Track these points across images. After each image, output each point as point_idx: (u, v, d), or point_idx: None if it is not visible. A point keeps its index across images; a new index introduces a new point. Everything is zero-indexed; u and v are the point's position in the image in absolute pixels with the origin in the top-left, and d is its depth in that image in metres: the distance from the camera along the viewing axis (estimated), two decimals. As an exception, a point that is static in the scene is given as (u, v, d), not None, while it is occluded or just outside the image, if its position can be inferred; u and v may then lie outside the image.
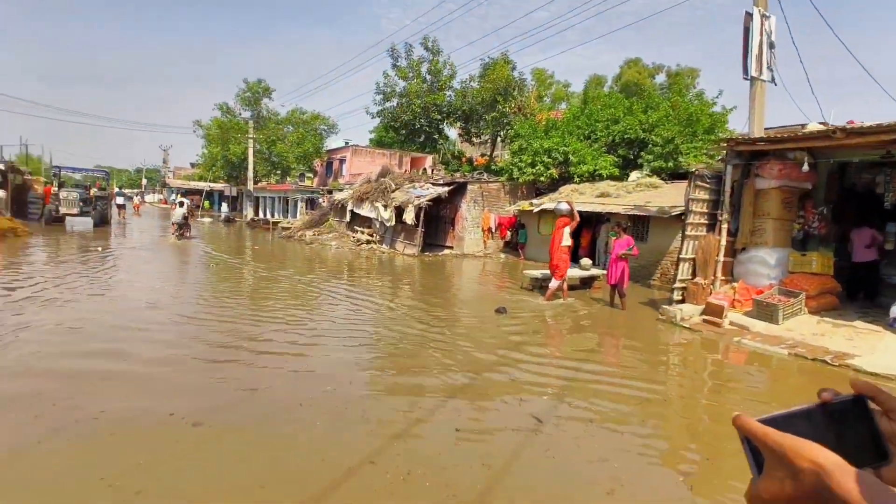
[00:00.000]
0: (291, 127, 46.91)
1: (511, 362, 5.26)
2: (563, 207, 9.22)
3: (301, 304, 8.06)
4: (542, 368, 5.14)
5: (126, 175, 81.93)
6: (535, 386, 4.59)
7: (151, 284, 8.80)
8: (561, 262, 8.85)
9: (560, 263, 8.86)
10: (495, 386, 4.55)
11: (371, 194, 18.44)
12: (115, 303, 7.13)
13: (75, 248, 13.87)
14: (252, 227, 29.92)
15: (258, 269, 11.86)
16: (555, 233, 9.18)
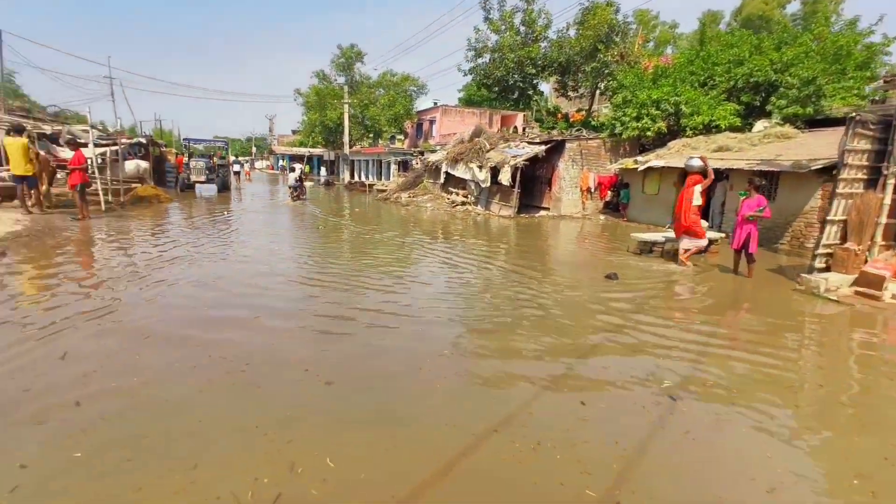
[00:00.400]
0: (383, 90, 47.66)
1: (631, 332, 4.95)
2: (695, 163, 8.39)
3: (403, 266, 8.27)
4: (667, 340, 4.77)
5: (238, 144, 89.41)
6: (662, 359, 4.27)
7: (271, 246, 9.53)
8: (695, 224, 8.25)
9: (694, 225, 8.25)
10: (617, 358, 4.31)
11: (465, 155, 18.26)
12: (242, 263, 7.82)
13: (205, 211, 15.49)
14: (349, 189, 31.39)
15: (361, 232, 12.38)
16: (684, 191, 8.44)
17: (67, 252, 7.95)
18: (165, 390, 3.33)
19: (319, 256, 8.85)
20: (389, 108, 45.14)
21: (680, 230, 8.49)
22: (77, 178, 11.47)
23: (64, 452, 2.60)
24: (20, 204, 11.38)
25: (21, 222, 9.59)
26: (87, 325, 4.57)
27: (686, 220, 8.32)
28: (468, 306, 5.89)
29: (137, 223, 11.71)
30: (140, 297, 5.55)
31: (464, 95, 56.93)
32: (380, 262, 8.40)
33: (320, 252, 9.43)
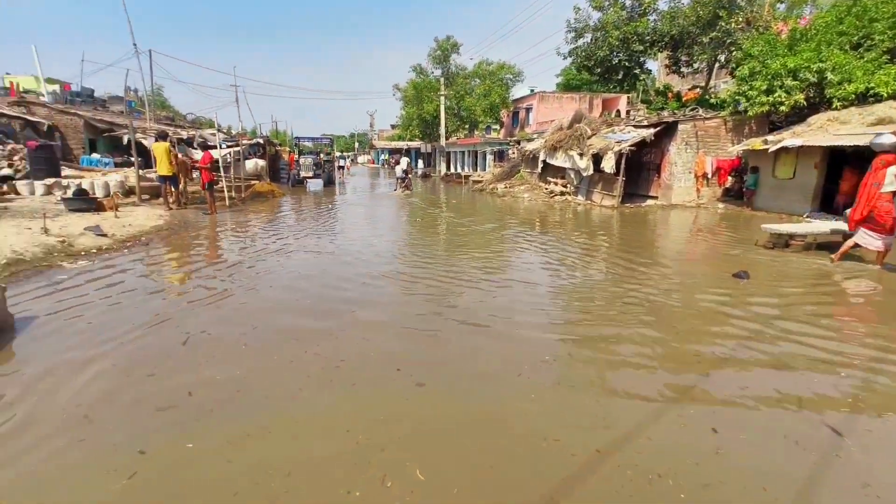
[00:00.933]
0: (478, 80, 47.29)
1: (775, 343, 4.17)
2: (887, 141, 6.69)
3: (500, 260, 7.96)
4: (826, 354, 3.93)
5: (343, 140, 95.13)
6: (819, 379, 3.51)
7: (370, 239, 9.77)
8: (887, 215, 6.62)
9: (885, 216, 6.63)
10: (757, 374, 3.63)
11: (565, 142, 17.36)
12: (341, 256, 8.06)
13: (311, 204, 16.49)
14: (445, 181, 31.72)
15: (457, 224, 12.28)
16: (869, 175, 6.81)
17: (195, 244, 8.83)
18: (266, 385, 3.39)
19: (416, 250, 8.86)
20: (485, 97, 44.66)
21: (858, 222, 6.94)
22: (205, 176, 12.79)
23: (177, 443, 2.71)
24: (163, 201, 13.00)
25: (163, 217, 10.89)
26: (206, 311, 4.93)
27: (873, 210, 6.70)
28: (570, 306, 5.44)
29: (254, 216, 12.75)
30: (249, 287, 5.91)
31: (562, 80, 54.64)
32: (476, 256, 8.18)
33: (417, 245, 9.46)
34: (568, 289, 6.16)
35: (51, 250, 7.03)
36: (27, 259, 6.51)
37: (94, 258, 7.24)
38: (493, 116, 45.99)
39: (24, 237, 7.23)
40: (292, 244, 8.89)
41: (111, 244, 8.03)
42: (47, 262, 6.68)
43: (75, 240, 7.77)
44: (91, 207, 10.31)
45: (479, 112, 45.48)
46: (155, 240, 8.87)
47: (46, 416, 2.96)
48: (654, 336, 4.39)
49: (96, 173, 15.54)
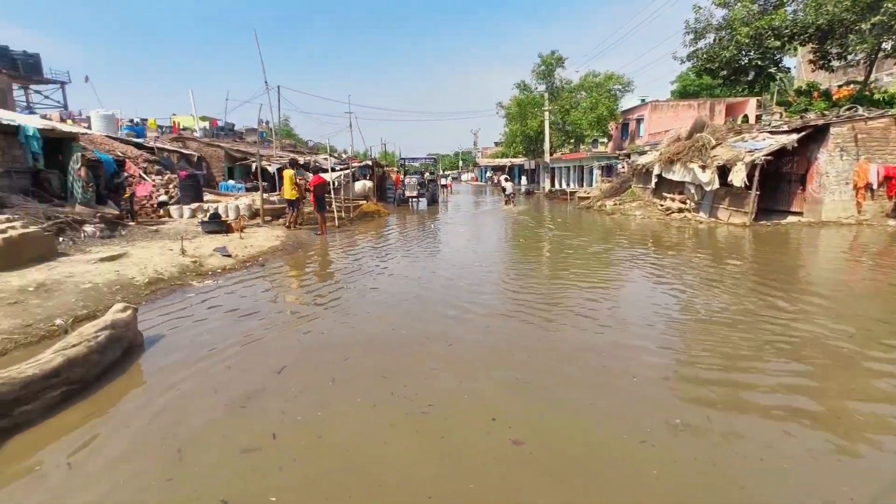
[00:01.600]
0: (584, 93, 45.68)
1: None
2: None
3: (610, 286, 7.18)
4: None
5: (447, 159, 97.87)
6: None
7: (472, 260, 9.52)
8: None
9: None
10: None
11: (683, 154, 15.73)
12: (442, 279, 7.87)
13: (415, 224, 16.81)
14: (550, 198, 30.71)
15: (564, 244, 11.57)
16: None
17: (304, 265, 9.30)
18: (347, 434, 3.16)
19: (519, 275, 8.40)
20: (592, 110, 42.93)
21: None
22: (312, 198, 13.64)
23: (258, 496, 2.58)
24: (285, 222, 14.11)
25: (279, 238, 11.74)
26: (308, 338, 4.98)
27: None
28: (699, 351, 4.58)
29: (360, 237, 13.25)
30: (349, 313, 5.92)
31: (677, 87, 50.70)
32: (584, 284, 7.49)
33: (520, 270, 8.99)
34: (694, 328, 5.25)
35: (185, 270, 7.80)
36: (165, 278, 7.26)
37: (219, 277, 7.89)
38: (600, 129, 43.98)
39: (165, 257, 8.13)
40: (393, 267, 8.95)
41: (234, 264, 8.73)
42: (181, 280, 7.39)
43: (205, 260, 8.58)
44: (222, 230, 11.45)
45: (585, 125, 43.79)
46: (270, 260, 9.51)
47: (144, 447, 3.03)
48: (803, 385, 3.45)
49: (230, 197, 17.46)
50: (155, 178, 16.53)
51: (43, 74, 43.32)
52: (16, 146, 10.90)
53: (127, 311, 4.59)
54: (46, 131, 11.33)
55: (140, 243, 9.31)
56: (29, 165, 11.37)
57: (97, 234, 9.31)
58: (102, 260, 7.60)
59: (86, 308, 5.77)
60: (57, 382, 3.50)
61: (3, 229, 7.07)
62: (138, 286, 6.74)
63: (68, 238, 8.74)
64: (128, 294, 6.42)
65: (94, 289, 6.32)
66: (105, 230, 9.60)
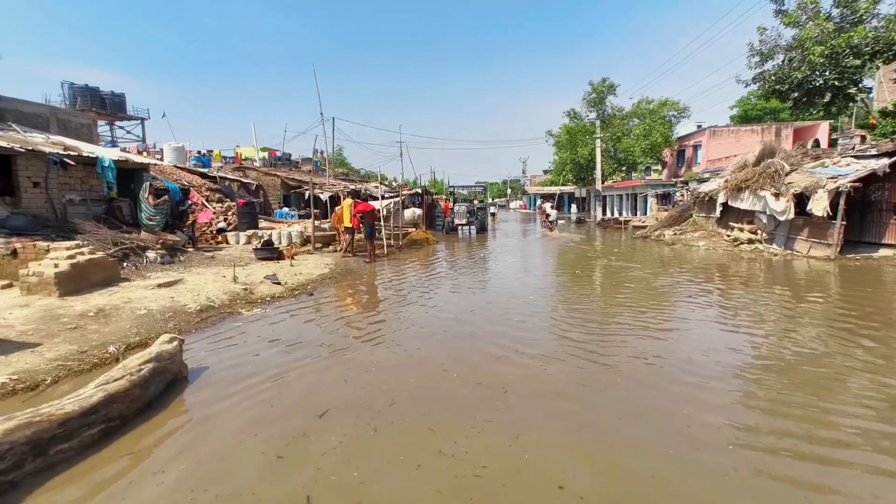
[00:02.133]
0: (637, 120, 44.62)
1: None
2: None
3: (677, 329, 6.49)
4: None
5: (496, 187, 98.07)
6: None
7: (524, 294, 9.05)
8: None
9: None
10: None
11: (753, 181, 14.64)
12: (491, 316, 7.45)
13: (464, 253, 16.47)
14: (602, 227, 29.63)
15: (623, 277, 10.86)
16: None
17: (352, 294, 9.16)
18: (383, 498, 2.79)
19: (574, 311, 7.84)
20: (645, 137, 41.70)
21: None
22: (355, 222, 13.71)
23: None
24: (342, 249, 14.24)
25: (328, 266, 11.75)
26: (354, 376, 4.69)
27: None
28: (784, 410, 3.89)
29: (409, 265, 13.07)
30: (396, 350, 5.61)
31: (738, 112, 48.61)
32: (648, 318, 6.84)
33: (576, 305, 8.42)
34: (776, 383, 4.53)
35: (235, 297, 7.83)
36: (216, 305, 7.29)
37: (268, 305, 7.85)
38: (654, 157, 42.62)
39: (218, 284, 8.23)
40: (442, 299, 8.63)
41: (283, 292, 8.72)
42: (230, 308, 7.40)
43: (256, 287, 8.62)
44: (274, 256, 11.62)
45: (637, 153, 42.55)
46: (319, 288, 9.45)
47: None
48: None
49: (283, 225, 17.95)
50: (215, 206, 17.29)
51: (126, 112, 47.53)
52: (93, 176, 11.66)
53: (173, 342, 4.50)
54: (121, 162, 12.06)
55: (196, 269, 9.54)
56: (104, 194, 12.13)
57: (158, 260, 9.64)
58: (160, 286, 7.77)
59: (139, 335, 5.80)
60: (96, 420, 3.37)
61: (73, 255, 7.38)
62: (190, 313, 6.77)
63: (132, 263, 9.08)
64: (179, 322, 6.45)
65: (148, 315, 6.40)
66: (166, 256, 9.93)
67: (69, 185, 11.06)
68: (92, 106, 43.89)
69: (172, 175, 18.29)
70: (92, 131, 19.06)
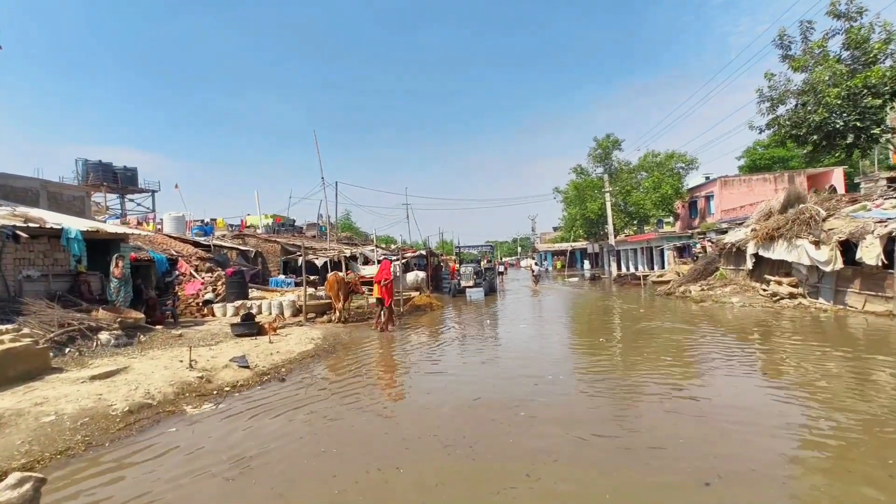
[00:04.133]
0: (645, 173, 44.27)
1: None
2: None
3: (727, 404, 4.89)
4: None
5: (506, 245, 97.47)
6: None
7: (547, 374, 7.52)
8: None
9: None
10: None
11: (786, 229, 13.24)
12: (508, 413, 5.94)
13: (473, 319, 14.93)
14: (620, 283, 27.93)
15: (655, 348, 9.27)
16: None
17: (333, 380, 7.67)
18: None
19: (604, 395, 6.28)
20: (655, 190, 41.01)
21: None
22: (381, 292, 12.22)
23: None
24: (336, 318, 12.87)
25: (314, 340, 10.31)
26: None
27: None
28: None
29: (411, 337, 11.56)
30: (379, 480, 4.10)
31: (745, 162, 48.05)
32: (697, 407, 5.27)
33: (606, 387, 6.84)
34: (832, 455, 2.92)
35: (184, 389, 6.41)
36: (154, 403, 5.86)
37: (224, 398, 6.41)
38: (665, 209, 41.67)
39: (169, 372, 6.84)
40: (447, 390, 7.09)
41: (249, 377, 7.28)
42: (174, 405, 5.96)
43: (217, 374, 7.21)
44: (253, 332, 10.27)
45: (648, 206, 41.70)
46: (297, 369, 8.00)
47: None
48: None
49: (276, 293, 16.75)
50: (204, 276, 16.24)
51: (138, 185, 48.50)
52: (58, 249, 10.68)
53: (23, 485, 3.08)
54: (90, 233, 11.12)
55: (155, 352, 8.19)
56: (71, 268, 11.11)
57: (112, 342, 8.35)
58: (93, 378, 6.40)
59: (27, 455, 4.37)
60: None
61: (-9, 344, 6.13)
62: (113, 417, 5.34)
63: (76, 349, 7.78)
64: (94, 430, 5.02)
65: (54, 423, 4.98)
66: (122, 337, 8.64)
67: (28, 259, 10.04)
68: (104, 180, 44.88)
69: (162, 245, 17.46)
70: (85, 204, 18.51)
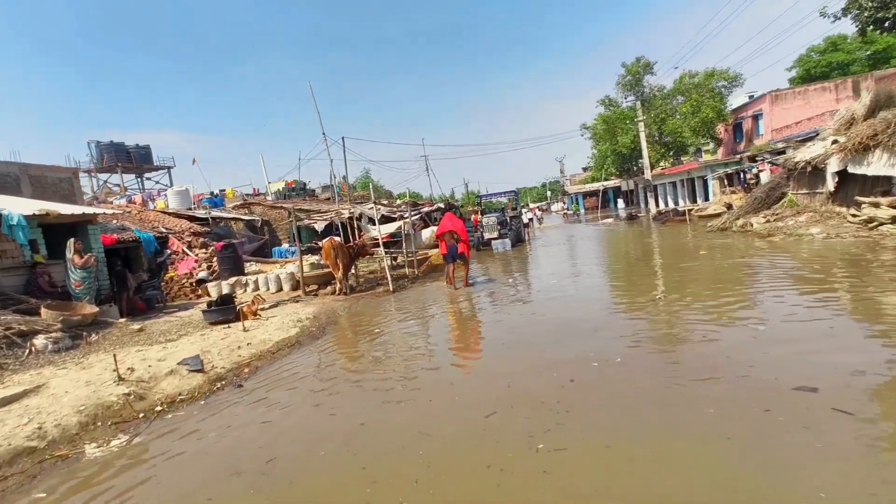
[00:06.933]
0: (682, 97, 39.81)
1: None
2: None
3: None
4: None
5: (535, 191, 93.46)
6: None
7: (580, 364, 5.54)
8: None
9: None
10: None
11: (887, 136, 10.36)
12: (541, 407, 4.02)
13: (500, 275, 12.91)
14: (661, 221, 25.02)
15: (732, 298, 7.08)
16: None
17: (314, 375, 5.92)
18: None
19: (678, 397, 4.26)
20: (693, 115, 36.80)
21: None
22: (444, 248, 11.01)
23: None
24: (338, 290, 11.22)
25: (301, 322, 8.61)
26: None
27: None
28: None
29: (419, 304, 9.74)
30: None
31: (798, 73, 42.40)
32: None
33: (681, 384, 4.81)
34: None
35: (99, 416, 4.78)
36: (41, 446, 4.24)
37: (153, 421, 4.76)
38: (706, 135, 37.60)
39: (87, 391, 5.22)
40: (461, 398, 5.25)
41: (198, 386, 5.61)
42: (71, 444, 4.33)
43: (156, 384, 5.57)
44: (229, 318, 8.64)
45: (687, 133, 37.74)
46: (264, 367, 6.31)
47: None
48: None
49: (277, 265, 15.17)
50: (199, 253, 14.77)
51: (153, 162, 47.72)
52: (5, 239, 9.20)
53: None
54: (40, 216, 9.56)
55: (98, 357, 6.63)
56: (26, 259, 9.68)
57: (49, 347, 6.84)
58: (-15, 406, 4.85)
59: None
60: None
61: None
62: (-38, 480, 3.74)
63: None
64: (-81, 508, 3.42)
65: None
66: (65, 339, 7.13)
67: (-34, 253, 8.61)
68: (118, 161, 44.18)
69: (153, 222, 16.02)
70: (74, 185, 17.19)
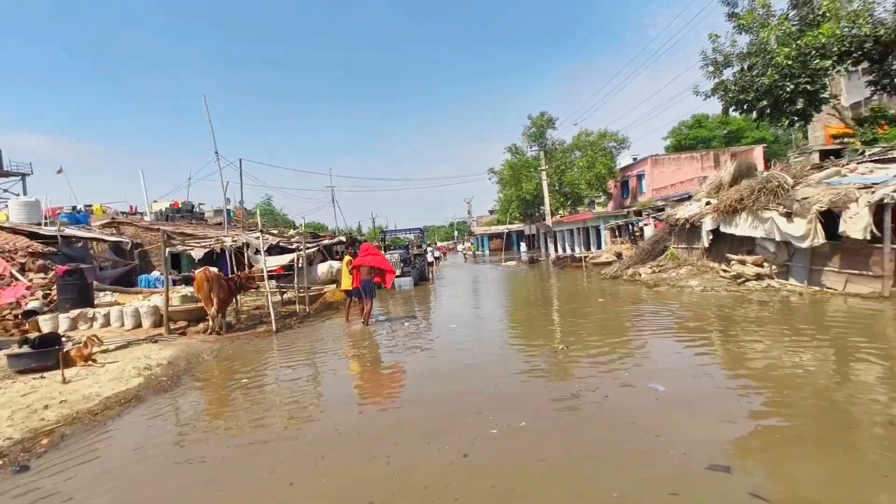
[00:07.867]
0: (579, 152, 43.86)
1: None
2: None
3: None
4: None
5: (442, 230, 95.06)
6: None
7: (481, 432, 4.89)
8: None
9: None
10: None
11: (751, 200, 11.54)
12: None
13: (400, 314, 12.08)
14: (559, 265, 26.16)
15: (620, 350, 6.95)
16: None
17: (128, 458, 4.58)
18: None
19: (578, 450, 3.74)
20: (589, 169, 40.56)
21: None
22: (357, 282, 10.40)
23: None
24: (209, 328, 9.66)
25: (150, 369, 7.04)
26: None
27: None
28: None
29: (298, 345, 8.56)
30: None
31: (671, 142, 48.97)
32: None
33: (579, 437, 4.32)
34: None
35: None
36: None
37: None
38: (598, 189, 41.34)
39: None
40: (330, 454, 4.27)
41: (-41, 471, 4.03)
42: None
43: None
44: (47, 364, 6.80)
45: (583, 185, 41.16)
46: (71, 437, 4.82)
47: None
48: None
49: (141, 296, 12.99)
50: (34, 278, 12.14)
51: (2, 167, 40.72)
52: None
53: None
54: None
55: None
56: None
57: None
58: None
59: None
60: None
61: None
62: None
63: None
64: None
65: None
66: None
67: None
68: (-46, 162, 37.13)
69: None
70: None
